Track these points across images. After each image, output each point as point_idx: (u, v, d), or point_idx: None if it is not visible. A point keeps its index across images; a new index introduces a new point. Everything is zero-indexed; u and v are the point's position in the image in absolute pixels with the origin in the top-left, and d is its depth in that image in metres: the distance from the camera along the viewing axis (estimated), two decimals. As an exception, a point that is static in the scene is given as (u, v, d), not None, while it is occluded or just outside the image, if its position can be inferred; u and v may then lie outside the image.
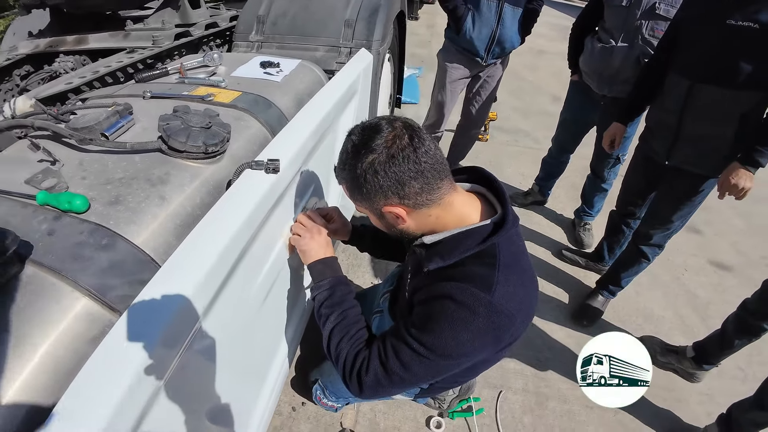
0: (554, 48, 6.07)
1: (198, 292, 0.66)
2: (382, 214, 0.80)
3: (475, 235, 0.79)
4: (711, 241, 2.75)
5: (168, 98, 1.13)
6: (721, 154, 1.51)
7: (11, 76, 1.80)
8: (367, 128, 0.76)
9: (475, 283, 0.74)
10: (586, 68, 2.06)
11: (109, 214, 0.75)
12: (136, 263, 0.71)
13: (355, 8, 1.81)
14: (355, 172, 0.75)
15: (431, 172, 0.74)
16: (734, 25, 1.35)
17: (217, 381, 0.84)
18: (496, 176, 0.90)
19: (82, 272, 0.68)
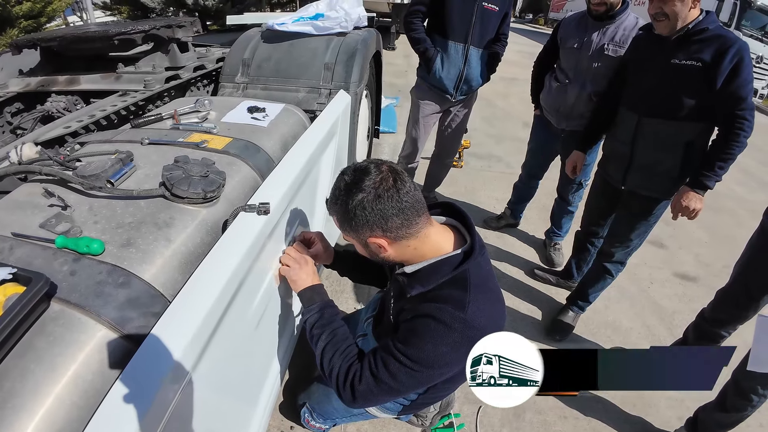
0: (525, 75, 6.30)
1: (203, 324, 0.76)
2: (367, 244, 0.94)
3: (449, 263, 0.95)
4: (675, 254, 2.95)
5: (165, 144, 1.23)
6: (671, 178, 1.68)
7: (2, 113, 1.85)
8: (359, 170, 0.90)
9: (451, 303, 0.90)
10: (545, 105, 2.26)
11: (123, 256, 0.86)
12: (149, 298, 0.82)
13: (333, 52, 1.96)
14: (346, 207, 0.89)
15: (411, 210, 0.89)
16: (678, 64, 1.52)
17: (214, 407, 0.93)
18: (465, 209, 1.07)
19: (104, 307, 0.77)
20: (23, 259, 0.85)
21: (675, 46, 1.54)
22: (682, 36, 1.52)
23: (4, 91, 1.92)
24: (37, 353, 0.69)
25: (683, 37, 1.52)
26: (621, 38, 1.91)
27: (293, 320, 1.45)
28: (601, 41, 1.95)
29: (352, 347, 1.05)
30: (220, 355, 0.88)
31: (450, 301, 0.90)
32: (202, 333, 0.77)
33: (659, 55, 1.59)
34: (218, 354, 0.86)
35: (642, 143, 1.71)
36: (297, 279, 1.12)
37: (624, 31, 1.91)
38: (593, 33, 1.96)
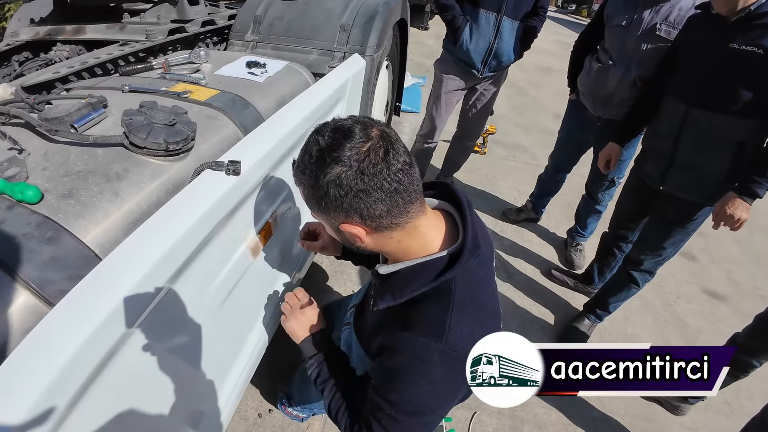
0: (561, 66, 6.03)
1: (138, 291, 0.64)
2: (340, 230, 0.72)
3: (430, 269, 0.73)
4: (706, 269, 2.71)
5: (145, 93, 1.11)
6: (716, 182, 1.48)
7: (10, 61, 1.80)
8: (339, 131, 0.65)
9: (425, 330, 0.69)
10: (582, 88, 2.04)
11: (60, 207, 0.73)
12: (79, 258, 0.69)
13: (352, 13, 1.80)
14: (316, 181, 0.65)
15: (402, 194, 0.66)
16: (737, 49, 1.33)
17: (161, 378, 0.81)
18: (483, 199, 0.86)
19: (23, 264, 0.66)
20: (-44, 203, 0.74)
21: (734, 29, 1.34)
22: (743, 18, 1.32)
23: (14, 40, 1.87)
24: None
25: (744, 20, 1.32)
26: (676, 19, 1.68)
27: (278, 297, 1.33)
28: (653, 20, 1.72)
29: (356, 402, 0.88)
30: (165, 332, 0.75)
31: (425, 325, 0.69)
32: (135, 303, 0.64)
33: (716, 37, 1.39)
34: (161, 330, 0.74)
35: (687, 138, 1.50)
36: (291, 332, 1.01)
37: (680, 11, 1.68)
38: (645, 10, 1.73)
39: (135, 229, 0.76)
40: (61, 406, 0.56)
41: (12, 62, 1.80)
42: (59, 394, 0.56)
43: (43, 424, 0.54)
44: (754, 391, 1.89)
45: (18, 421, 0.51)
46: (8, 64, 1.80)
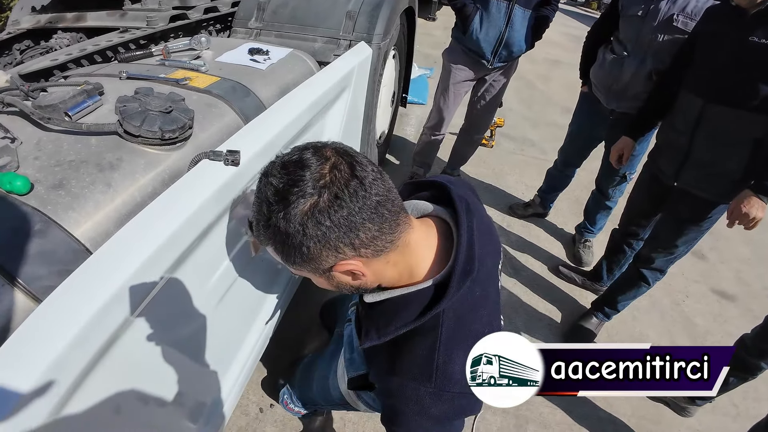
0: (570, 59, 5.96)
1: (132, 284, 0.60)
2: (331, 275, 0.63)
3: (414, 303, 0.66)
4: (715, 268, 2.65)
5: (143, 79, 1.07)
6: (732, 180, 1.43)
7: (11, 50, 1.78)
8: (289, 164, 0.57)
9: (413, 374, 0.64)
10: (595, 80, 1.97)
11: (49, 199, 0.70)
12: (68, 253, 0.66)
13: (358, 0, 1.74)
14: (288, 228, 0.55)
15: (386, 206, 0.59)
16: (756, 43, 1.28)
17: (157, 374, 0.79)
18: (490, 193, 0.79)
19: (10, 259, 0.63)
20: (-59, 192, 0.71)
21: (754, 22, 1.28)
22: (764, 10, 1.26)
23: (15, 28, 1.84)
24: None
25: (764, 12, 1.26)
26: (694, 10, 1.61)
27: (279, 292, 1.29)
28: (670, 10, 1.65)
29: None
30: (158, 328, 0.72)
31: (412, 369, 0.65)
32: (126, 299, 0.61)
33: (735, 30, 1.33)
34: (155, 326, 0.71)
35: (703, 134, 1.45)
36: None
37: (698, 2, 1.61)
38: (662, 1, 1.66)
39: (128, 221, 0.73)
40: (57, 395, 0.53)
41: (13, 51, 1.77)
42: (54, 385, 0.53)
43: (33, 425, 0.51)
44: (762, 393, 1.85)
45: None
46: (9, 52, 1.77)
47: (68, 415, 0.57)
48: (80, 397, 0.59)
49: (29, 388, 0.50)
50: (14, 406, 0.48)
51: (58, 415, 0.55)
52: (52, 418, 0.54)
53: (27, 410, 0.50)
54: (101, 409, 0.64)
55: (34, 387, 0.50)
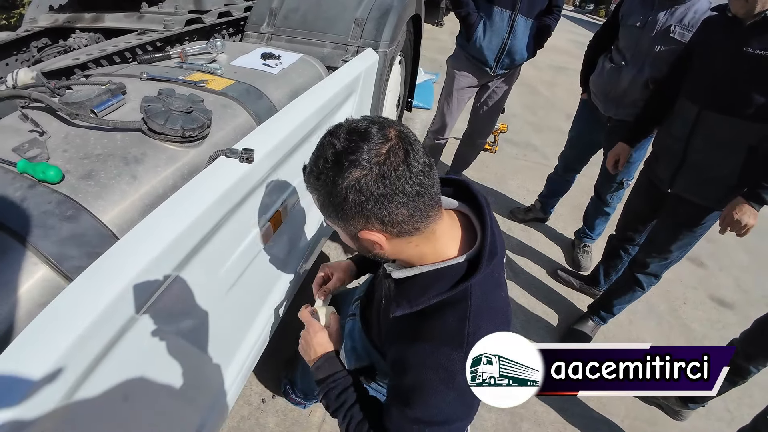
0: (575, 65, 5.99)
1: (152, 269, 0.66)
2: (357, 237, 0.69)
3: (447, 276, 0.71)
4: (713, 275, 2.69)
5: (163, 81, 1.14)
6: (726, 186, 1.47)
7: (29, 47, 1.84)
8: (355, 132, 0.62)
9: (444, 339, 0.68)
10: (594, 87, 2.03)
11: (80, 188, 0.76)
12: (96, 237, 0.72)
13: (366, 8, 1.81)
14: (334, 188, 0.61)
15: (424, 197, 0.63)
16: (751, 53, 1.32)
17: (169, 358, 0.84)
18: (492, 197, 0.84)
19: (43, 239, 0.69)
20: (-18, 181, 0.77)
21: (749, 33, 1.33)
22: (759, 21, 1.30)
23: (33, 26, 1.90)
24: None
25: (760, 23, 1.30)
26: (691, 21, 1.67)
27: (285, 284, 1.35)
28: (667, 22, 1.71)
29: (372, 422, 0.85)
30: (173, 311, 0.78)
31: (444, 336, 0.69)
32: (149, 280, 0.66)
33: (730, 40, 1.38)
34: (170, 309, 0.77)
35: (698, 141, 1.49)
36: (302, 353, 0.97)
37: (695, 14, 1.67)
38: (660, 12, 1.72)
39: (151, 210, 0.79)
40: (75, 374, 0.59)
41: (31, 48, 1.84)
42: (73, 362, 0.58)
43: (55, 394, 0.57)
44: (756, 400, 1.88)
45: (32, 389, 0.53)
46: (27, 49, 1.83)
47: (81, 397, 0.62)
48: (94, 380, 0.64)
49: (55, 361, 0.55)
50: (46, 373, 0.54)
51: (74, 392, 0.60)
52: (70, 395, 0.59)
53: (52, 383, 0.56)
54: (110, 394, 0.69)
55: (60, 360, 0.56)
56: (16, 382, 0.53)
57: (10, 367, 0.53)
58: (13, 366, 0.54)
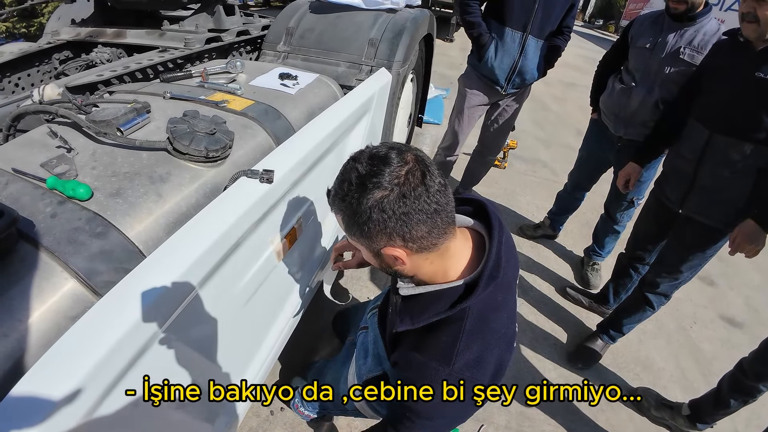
0: (585, 81, 6.03)
1: (177, 285, 0.69)
2: (380, 254, 0.74)
3: (447, 296, 0.77)
4: (724, 294, 2.66)
5: (186, 100, 1.18)
6: (735, 208, 1.48)
7: (51, 59, 1.90)
8: (376, 158, 0.68)
9: (435, 354, 0.75)
10: (604, 108, 2.05)
11: (108, 205, 0.80)
12: (124, 253, 0.76)
13: (380, 28, 1.86)
14: (358, 208, 0.67)
15: (441, 215, 0.69)
16: (763, 78, 1.33)
17: (187, 370, 0.87)
18: (503, 211, 0.90)
19: (73, 256, 0.72)
20: (13, 195, 0.82)
21: (761, 57, 1.34)
22: None
23: (55, 38, 1.96)
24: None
25: None
26: (700, 43, 1.69)
27: (297, 298, 1.38)
28: (677, 44, 1.73)
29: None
30: (194, 324, 0.81)
31: (435, 351, 0.75)
32: (174, 295, 0.70)
33: (742, 65, 1.39)
34: (193, 322, 0.79)
35: (709, 163, 1.50)
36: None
37: (704, 35, 1.69)
38: (669, 34, 1.75)
39: (175, 228, 0.82)
40: (99, 389, 0.62)
41: (53, 60, 1.90)
42: (99, 377, 0.61)
43: (82, 406, 0.60)
44: (764, 420, 1.86)
45: (64, 395, 0.56)
46: (49, 61, 1.89)
47: (103, 408, 0.65)
48: (115, 393, 0.66)
49: (88, 370, 0.59)
50: (81, 379, 0.57)
51: (98, 406, 0.63)
52: (94, 408, 0.62)
53: (88, 387, 0.59)
54: (128, 406, 0.71)
55: (91, 370, 0.59)
56: (40, 399, 0.56)
57: (37, 384, 0.56)
58: (39, 383, 0.56)
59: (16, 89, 1.74)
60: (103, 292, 0.71)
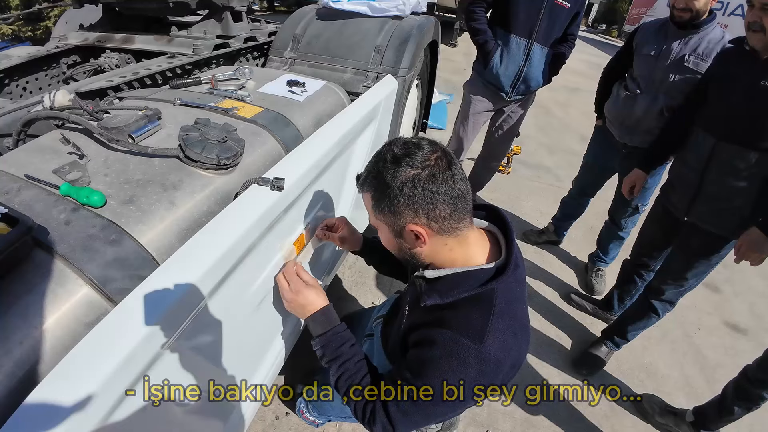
0: (589, 86, 6.05)
1: (191, 292, 0.70)
2: (402, 232, 0.80)
3: (476, 277, 0.81)
4: (728, 301, 2.66)
5: (196, 107, 1.19)
6: (741, 216, 1.48)
7: (59, 63, 1.91)
8: (410, 144, 0.77)
9: (467, 332, 0.75)
10: (609, 115, 2.06)
11: (122, 212, 0.81)
12: (138, 260, 0.76)
13: (386, 35, 1.87)
14: (393, 182, 0.75)
15: (462, 200, 0.76)
16: (767, 87, 1.33)
17: (197, 377, 0.87)
18: (509, 217, 0.93)
19: (88, 263, 0.73)
20: (26, 202, 0.82)
21: (766, 67, 1.35)
22: None
23: (64, 43, 1.98)
24: (10, 298, 0.66)
25: None
26: (705, 51, 1.70)
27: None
28: (681, 51, 1.74)
29: (366, 379, 0.93)
30: (208, 330, 0.81)
31: (467, 328, 0.76)
32: (188, 302, 0.70)
33: (748, 74, 1.39)
34: (206, 328, 0.80)
35: (714, 171, 1.51)
36: (294, 312, 1.01)
37: (709, 43, 1.70)
38: (674, 42, 1.76)
39: (187, 235, 0.83)
40: (115, 395, 0.62)
41: (61, 64, 1.92)
42: (115, 384, 0.62)
43: (104, 407, 0.60)
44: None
45: (80, 402, 0.57)
46: (57, 65, 1.91)
47: (117, 414, 0.65)
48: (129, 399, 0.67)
49: (103, 377, 0.59)
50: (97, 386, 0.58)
51: (113, 412, 0.64)
52: (108, 415, 0.63)
53: (104, 393, 0.60)
54: (140, 411, 0.71)
55: (108, 377, 0.60)
56: (56, 406, 0.56)
57: (53, 391, 0.57)
58: (56, 390, 0.57)
59: (24, 93, 1.76)
60: (117, 299, 0.72)
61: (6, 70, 1.65)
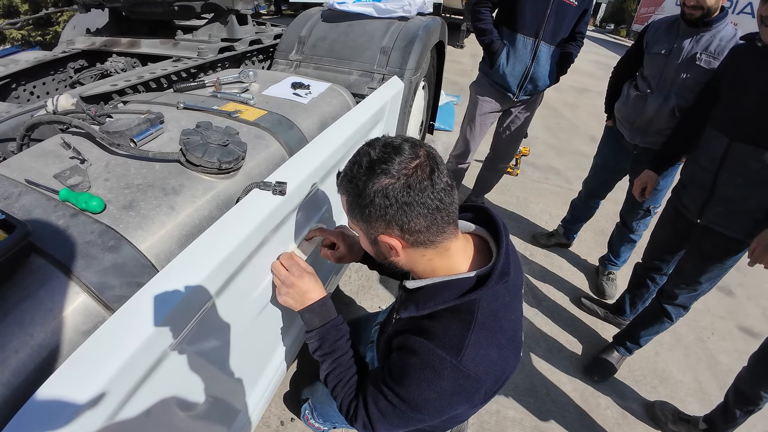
0: (598, 87, 6.00)
1: (191, 299, 0.68)
2: (377, 241, 0.75)
3: (454, 287, 0.76)
4: (742, 305, 2.59)
5: (199, 110, 1.18)
6: (754, 219, 1.43)
7: (66, 67, 1.92)
8: (389, 146, 0.69)
9: (444, 343, 0.71)
10: (619, 115, 2.02)
11: (121, 218, 0.79)
12: (137, 267, 0.75)
13: (392, 37, 1.85)
14: (364, 191, 0.69)
15: (442, 213, 0.70)
16: None
17: (200, 382, 0.86)
18: (514, 222, 0.89)
19: (86, 270, 0.72)
20: (25, 207, 0.81)
21: None
22: None
23: (71, 47, 1.99)
24: (7, 305, 0.65)
25: None
26: (716, 49, 1.66)
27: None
28: (693, 49, 1.70)
29: (354, 377, 0.90)
30: (209, 338, 0.80)
31: (444, 339, 0.72)
32: (188, 309, 0.69)
33: (761, 71, 1.35)
34: (206, 336, 0.79)
35: (728, 172, 1.46)
36: (288, 305, 0.96)
37: (720, 41, 1.66)
38: (685, 40, 1.72)
39: (187, 240, 0.82)
40: (117, 399, 0.61)
41: (67, 68, 1.92)
42: (116, 388, 0.60)
43: (98, 418, 0.59)
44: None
45: (77, 411, 0.55)
46: (64, 70, 1.91)
47: (119, 419, 0.64)
48: (131, 404, 0.65)
49: (97, 389, 0.57)
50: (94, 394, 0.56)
51: (114, 416, 0.62)
52: (110, 419, 0.62)
53: (100, 404, 0.58)
54: (142, 417, 0.70)
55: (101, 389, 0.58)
56: (54, 415, 0.55)
57: (49, 400, 0.55)
58: (52, 399, 0.56)
59: (31, 97, 1.77)
60: (115, 306, 0.70)
61: (13, 74, 1.66)
